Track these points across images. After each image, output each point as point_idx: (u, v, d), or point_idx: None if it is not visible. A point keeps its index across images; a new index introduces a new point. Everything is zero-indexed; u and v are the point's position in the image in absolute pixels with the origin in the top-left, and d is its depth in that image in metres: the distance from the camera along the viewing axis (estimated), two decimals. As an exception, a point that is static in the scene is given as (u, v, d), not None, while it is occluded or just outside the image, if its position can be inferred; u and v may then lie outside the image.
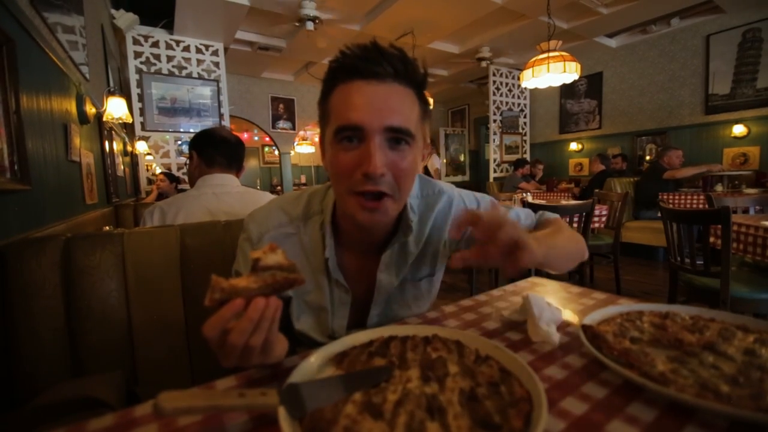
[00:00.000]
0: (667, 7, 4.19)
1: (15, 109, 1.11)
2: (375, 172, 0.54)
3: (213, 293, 0.40)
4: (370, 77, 0.56)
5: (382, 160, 0.55)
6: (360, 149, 0.56)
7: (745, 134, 4.24)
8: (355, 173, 0.56)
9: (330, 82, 0.59)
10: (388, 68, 0.56)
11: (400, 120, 0.56)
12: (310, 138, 9.46)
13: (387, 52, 0.56)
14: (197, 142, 1.37)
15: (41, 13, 1.47)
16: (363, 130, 0.55)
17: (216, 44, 4.40)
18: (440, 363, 0.46)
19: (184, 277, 0.91)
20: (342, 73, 0.57)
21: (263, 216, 0.71)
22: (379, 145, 0.55)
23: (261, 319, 0.41)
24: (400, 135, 0.56)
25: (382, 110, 0.55)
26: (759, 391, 0.38)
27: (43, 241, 0.79)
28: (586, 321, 0.56)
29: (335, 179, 0.60)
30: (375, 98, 0.55)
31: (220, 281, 0.40)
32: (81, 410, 0.57)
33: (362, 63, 0.55)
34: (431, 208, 0.74)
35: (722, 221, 1.57)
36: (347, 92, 0.56)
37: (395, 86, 0.57)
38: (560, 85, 3.78)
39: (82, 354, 0.80)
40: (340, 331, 0.71)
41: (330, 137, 0.58)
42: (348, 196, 0.58)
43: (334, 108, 0.58)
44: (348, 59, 0.56)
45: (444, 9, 4.06)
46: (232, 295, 0.40)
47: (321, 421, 0.36)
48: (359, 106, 0.55)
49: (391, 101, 0.56)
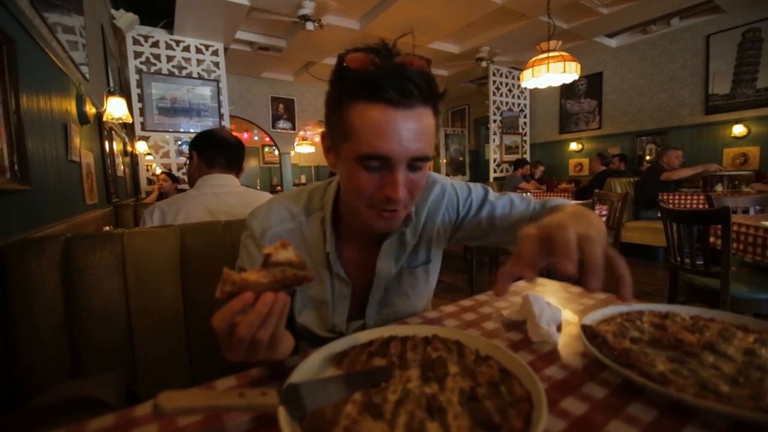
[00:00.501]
0: (667, 7, 4.19)
1: (15, 109, 1.11)
2: (398, 199, 0.56)
3: (224, 285, 0.40)
4: (398, 105, 0.53)
5: (405, 186, 0.57)
6: (383, 174, 0.56)
7: (745, 134, 4.24)
8: (376, 194, 0.58)
9: (347, 94, 0.55)
10: (415, 92, 0.53)
11: (425, 149, 0.57)
12: (310, 138, 9.47)
13: (413, 73, 0.54)
14: (197, 142, 1.37)
15: (41, 13, 1.47)
16: (390, 160, 0.55)
17: (216, 44, 4.40)
18: (440, 363, 0.46)
19: (184, 277, 0.91)
20: (363, 91, 0.54)
21: (265, 212, 0.72)
22: (402, 173, 0.56)
23: (269, 314, 0.42)
24: (422, 162, 0.58)
25: (410, 141, 0.54)
26: (759, 391, 0.38)
27: (43, 241, 0.79)
28: (586, 321, 0.56)
29: (354, 196, 0.60)
30: (403, 128, 0.54)
31: (231, 274, 0.41)
32: (81, 410, 0.57)
33: (389, 86, 0.52)
34: (425, 197, 0.76)
35: (722, 221, 1.57)
36: (374, 118, 0.53)
37: (419, 110, 0.55)
38: (560, 85, 3.78)
39: (82, 354, 0.80)
40: (340, 325, 0.72)
41: (351, 157, 0.57)
42: (366, 209, 0.60)
43: (357, 129, 0.55)
44: (371, 75, 0.53)
45: (444, 9, 4.07)
46: (242, 288, 0.41)
47: (321, 421, 0.36)
48: (388, 136, 0.53)
49: (418, 130, 0.55)
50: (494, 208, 0.77)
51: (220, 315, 0.41)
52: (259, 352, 0.44)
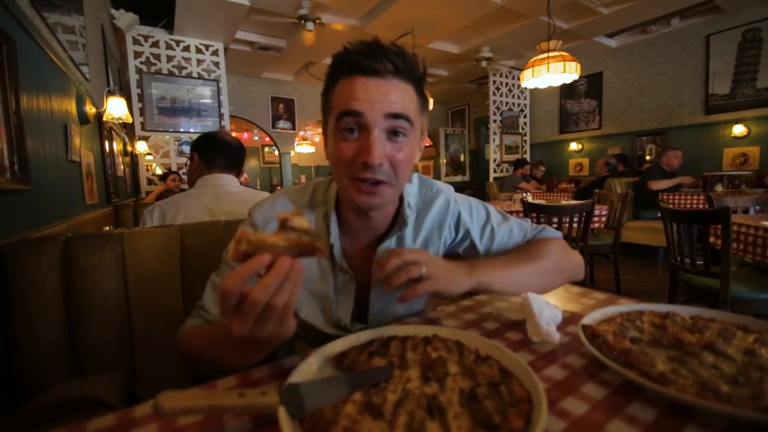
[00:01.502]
0: (667, 7, 4.18)
1: (15, 109, 1.11)
2: (374, 162, 0.57)
3: (239, 244, 0.38)
4: (372, 74, 0.58)
5: (381, 151, 0.58)
6: (360, 140, 0.59)
7: (745, 134, 4.24)
8: (355, 162, 0.59)
9: (333, 76, 0.62)
10: (389, 65, 0.58)
11: (400, 108, 0.59)
12: (310, 138, 9.46)
13: (388, 49, 0.59)
14: (199, 143, 1.38)
15: (41, 13, 1.47)
16: (364, 119, 0.58)
17: (216, 44, 4.40)
18: (440, 363, 0.46)
19: (184, 277, 0.91)
20: (344, 68, 0.60)
21: (269, 204, 0.72)
22: (379, 137, 0.58)
23: (286, 279, 0.40)
24: (400, 123, 0.60)
25: (383, 102, 0.58)
26: (759, 391, 0.38)
27: (43, 241, 0.79)
28: (586, 321, 0.56)
29: (336, 166, 0.62)
30: (376, 91, 0.58)
31: (248, 233, 0.39)
32: (81, 410, 0.57)
33: (364, 60, 0.58)
34: (429, 205, 0.76)
35: (722, 221, 1.57)
36: (350, 85, 0.59)
37: (395, 82, 0.60)
38: (560, 85, 3.78)
39: (82, 354, 0.80)
40: (345, 319, 0.72)
41: (332, 126, 0.61)
42: (348, 181, 0.62)
43: (336, 99, 0.60)
44: (350, 55, 0.59)
45: (444, 9, 4.06)
46: (258, 248, 0.39)
47: (321, 421, 0.36)
48: (360, 97, 0.58)
49: (391, 95, 0.59)
50: (493, 237, 0.79)
51: (234, 276, 0.39)
52: (269, 323, 0.42)
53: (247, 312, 0.40)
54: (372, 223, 0.71)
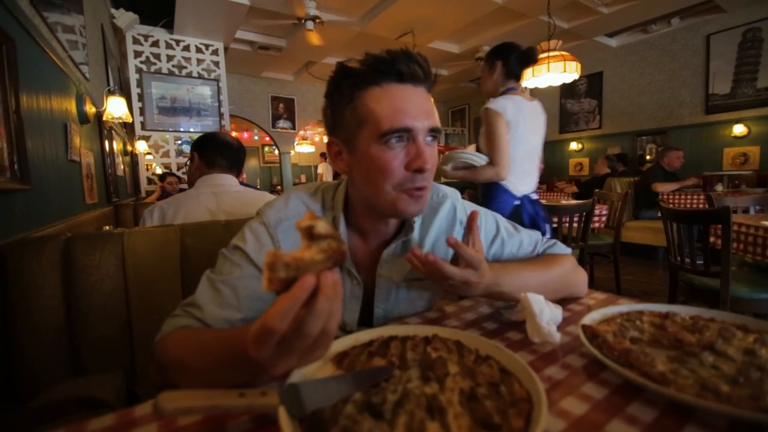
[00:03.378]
0: (667, 6, 4.18)
1: (15, 109, 1.11)
2: (429, 167, 0.59)
3: (275, 272, 0.32)
4: (407, 81, 0.59)
5: (431, 155, 0.60)
6: (407, 148, 0.59)
7: (745, 134, 4.24)
8: (401, 171, 0.59)
9: (358, 86, 0.59)
10: (419, 71, 0.59)
11: (437, 120, 0.61)
12: (310, 137, 9.47)
13: (417, 56, 0.59)
14: (199, 143, 1.39)
15: (41, 13, 1.47)
16: (412, 132, 0.58)
17: (216, 44, 4.40)
18: (440, 363, 0.46)
19: (184, 277, 0.91)
20: (378, 74, 0.58)
21: (282, 203, 0.70)
22: (424, 143, 0.60)
23: (335, 297, 0.35)
24: (436, 134, 0.62)
25: (426, 113, 0.59)
26: (759, 391, 0.38)
27: (43, 241, 0.79)
28: (586, 321, 0.56)
29: (377, 178, 0.60)
30: (418, 101, 0.59)
31: (281, 256, 0.32)
32: (81, 410, 0.57)
33: (399, 66, 0.58)
34: (435, 211, 0.75)
35: (722, 221, 1.57)
36: (389, 96, 0.58)
37: (422, 89, 0.61)
38: (560, 85, 3.77)
39: (82, 354, 0.80)
40: (351, 324, 0.72)
41: (371, 140, 0.59)
42: (396, 191, 0.61)
43: (374, 111, 0.58)
44: (382, 63, 0.58)
45: (444, 9, 4.06)
46: (299, 271, 0.33)
47: (321, 421, 0.36)
48: (408, 109, 0.58)
49: (428, 104, 0.60)
50: (503, 248, 0.78)
51: (280, 312, 0.32)
52: (318, 351, 0.37)
53: (297, 347, 0.35)
54: (386, 229, 0.71)
